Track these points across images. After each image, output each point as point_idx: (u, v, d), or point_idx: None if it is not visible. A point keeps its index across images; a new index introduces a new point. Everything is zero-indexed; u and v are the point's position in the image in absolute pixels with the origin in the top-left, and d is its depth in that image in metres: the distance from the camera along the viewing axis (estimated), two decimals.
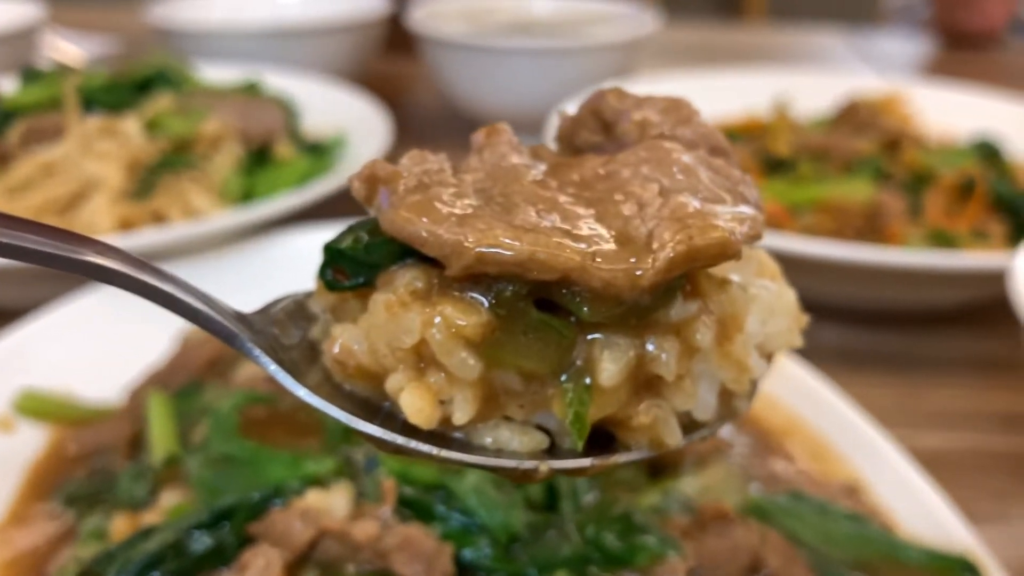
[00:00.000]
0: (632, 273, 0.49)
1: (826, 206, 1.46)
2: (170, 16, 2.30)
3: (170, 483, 0.88)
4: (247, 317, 0.58)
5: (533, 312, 0.51)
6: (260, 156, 1.64)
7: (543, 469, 0.53)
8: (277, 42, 2.21)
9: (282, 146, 1.67)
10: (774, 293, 0.59)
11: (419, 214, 0.51)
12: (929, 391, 1.26)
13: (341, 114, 1.85)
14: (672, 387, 0.54)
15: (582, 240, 0.50)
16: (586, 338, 0.52)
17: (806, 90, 1.93)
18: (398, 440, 0.53)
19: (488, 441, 0.54)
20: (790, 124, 1.76)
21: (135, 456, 0.95)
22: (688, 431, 0.57)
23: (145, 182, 1.47)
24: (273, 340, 0.57)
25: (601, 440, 0.55)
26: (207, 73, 1.90)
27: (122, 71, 1.73)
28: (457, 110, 2.19)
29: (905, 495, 0.91)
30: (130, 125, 1.52)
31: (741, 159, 0.75)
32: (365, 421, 0.54)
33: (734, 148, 0.63)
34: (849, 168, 1.58)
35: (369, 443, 0.54)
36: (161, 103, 1.60)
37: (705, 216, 0.52)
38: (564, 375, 0.52)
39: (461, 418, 0.52)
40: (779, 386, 1.07)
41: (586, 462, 0.54)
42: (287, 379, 0.55)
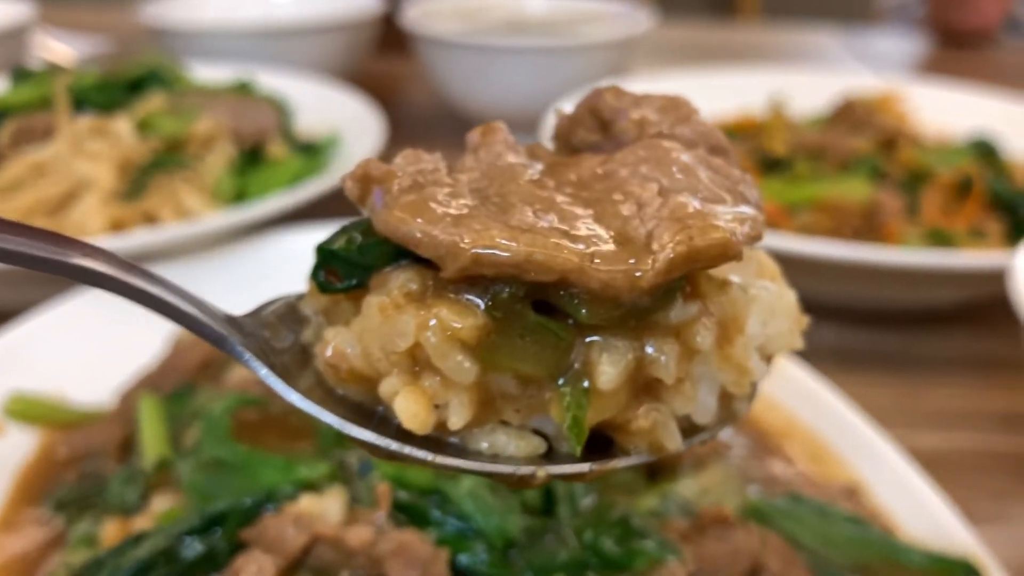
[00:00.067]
0: (631, 274, 0.48)
1: (823, 205, 1.46)
2: (162, 15, 2.29)
3: (161, 487, 0.87)
4: (238, 320, 0.57)
5: (530, 314, 0.50)
6: (253, 156, 1.63)
7: (541, 475, 0.52)
8: (270, 41, 2.20)
9: (275, 146, 1.66)
10: (774, 294, 0.58)
11: (413, 214, 0.50)
12: (927, 391, 1.26)
13: (334, 113, 1.85)
14: (672, 390, 0.53)
15: (580, 241, 0.49)
16: (584, 341, 0.51)
17: (801, 89, 1.93)
18: (392, 446, 0.52)
19: (484, 446, 0.53)
20: (786, 123, 1.76)
21: (126, 460, 0.94)
22: (687, 434, 0.56)
23: (136, 182, 1.46)
24: (264, 343, 0.56)
25: (599, 444, 0.54)
26: (199, 72, 1.89)
27: (113, 71, 1.72)
28: (451, 109, 2.18)
29: (905, 497, 0.90)
30: (121, 125, 1.51)
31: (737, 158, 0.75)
32: (358, 426, 0.53)
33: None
34: (845, 167, 1.58)
35: (363, 449, 0.53)
36: (153, 103, 1.59)
37: (705, 216, 0.51)
38: (562, 379, 0.51)
39: (457, 423, 0.51)
40: (777, 387, 1.06)
41: (584, 467, 0.53)
42: (278, 384, 0.54)
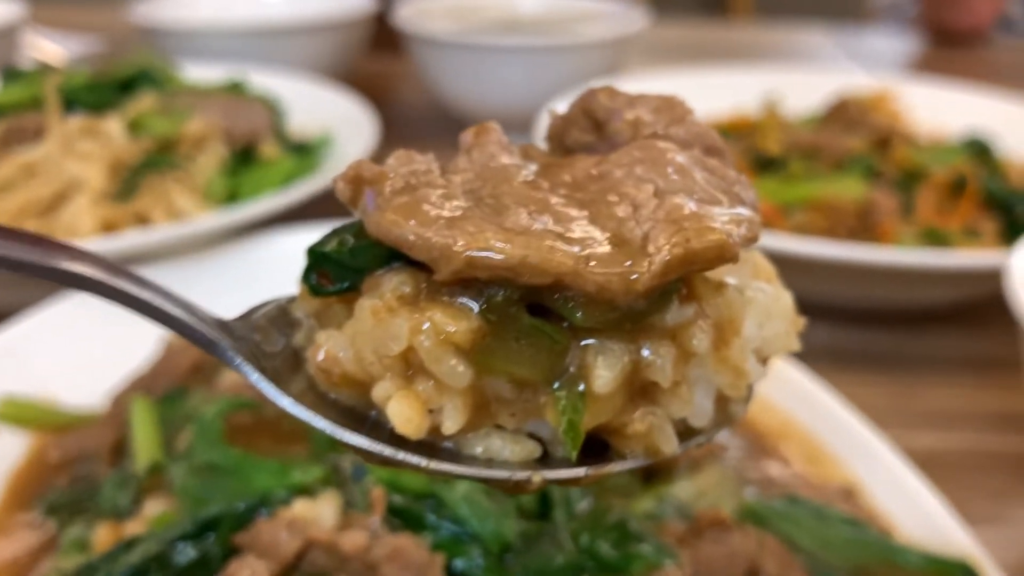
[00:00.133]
0: (627, 277, 0.48)
1: (818, 205, 1.45)
2: (153, 15, 2.28)
3: (154, 492, 0.87)
4: (228, 324, 0.56)
5: (525, 317, 0.50)
6: (245, 156, 1.63)
7: (536, 480, 0.52)
8: (262, 41, 2.19)
9: (267, 146, 1.65)
10: (771, 296, 0.58)
11: (406, 216, 0.49)
12: (923, 391, 1.25)
13: (327, 113, 1.84)
14: (668, 393, 0.53)
15: (575, 243, 0.49)
16: (579, 344, 0.50)
17: (795, 88, 1.93)
18: (386, 451, 0.51)
19: (479, 450, 0.53)
20: (780, 122, 1.76)
21: (118, 463, 0.93)
22: (684, 437, 0.56)
23: (128, 183, 1.46)
24: (255, 347, 0.56)
25: (595, 448, 0.54)
26: (191, 72, 1.88)
27: (104, 70, 1.71)
28: (444, 109, 2.17)
29: (902, 498, 0.90)
30: (112, 125, 1.50)
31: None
32: (351, 431, 0.52)
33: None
34: (840, 166, 1.58)
35: (356, 454, 0.53)
36: (144, 103, 1.58)
37: (701, 218, 0.50)
38: (557, 382, 0.50)
39: (451, 427, 0.50)
40: (773, 388, 1.06)
41: (580, 472, 0.53)
42: (270, 388, 0.53)
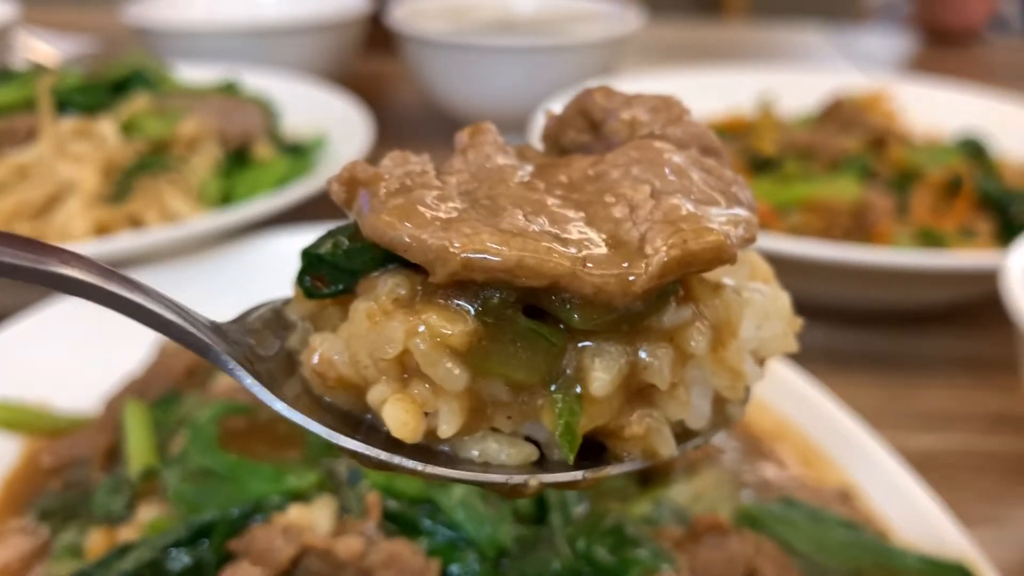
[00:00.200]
0: (625, 279, 0.47)
1: (813, 205, 1.45)
2: (147, 15, 2.28)
3: (148, 497, 0.86)
4: (222, 327, 0.55)
5: (521, 320, 0.49)
6: (239, 157, 1.62)
7: (533, 483, 0.51)
8: (256, 41, 2.18)
9: (261, 147, 1.64)
10: (768, 297, 0.58)
11: (401, 218, 0.48)
12: (918, 391, 1.25)
13: (321, 114, 1.83)
14: (665, 395, 0.53)
15: (572, 244, 0.49)
16: (576, 346, 0.50)
17: (790, 88, 1.93)
18: (381, 456, 0.51)
19: (475, 454, 0.52)
20: (775, 122, 1.75)
21: (111, 468, 0.92)
22: (681, 439, 0.55)
23: (121, 185, 1.45)
24: (249, 351, 0.55)
25: (592, 450, 0.54)
26: (184, 73, 1.87)
27: (98, 71, 1.70)
28: (439, 110, 2.17)
29: (898, 500, 0.89)
30: (106, 126, 1.49)
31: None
32: (346, 435, 0.52)
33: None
34: (835, 166, 1.57)
35: (351, 458, 0.52)
36: (137, 104, 1.57)
37: (699, 219, 0.50)
38: (554, 385, 0.50)
39: (447, 431, 0.50)
40: (768, 389, 1.05)
41: (578, 475, 0.53)
42: (264, 392, 0.53)
